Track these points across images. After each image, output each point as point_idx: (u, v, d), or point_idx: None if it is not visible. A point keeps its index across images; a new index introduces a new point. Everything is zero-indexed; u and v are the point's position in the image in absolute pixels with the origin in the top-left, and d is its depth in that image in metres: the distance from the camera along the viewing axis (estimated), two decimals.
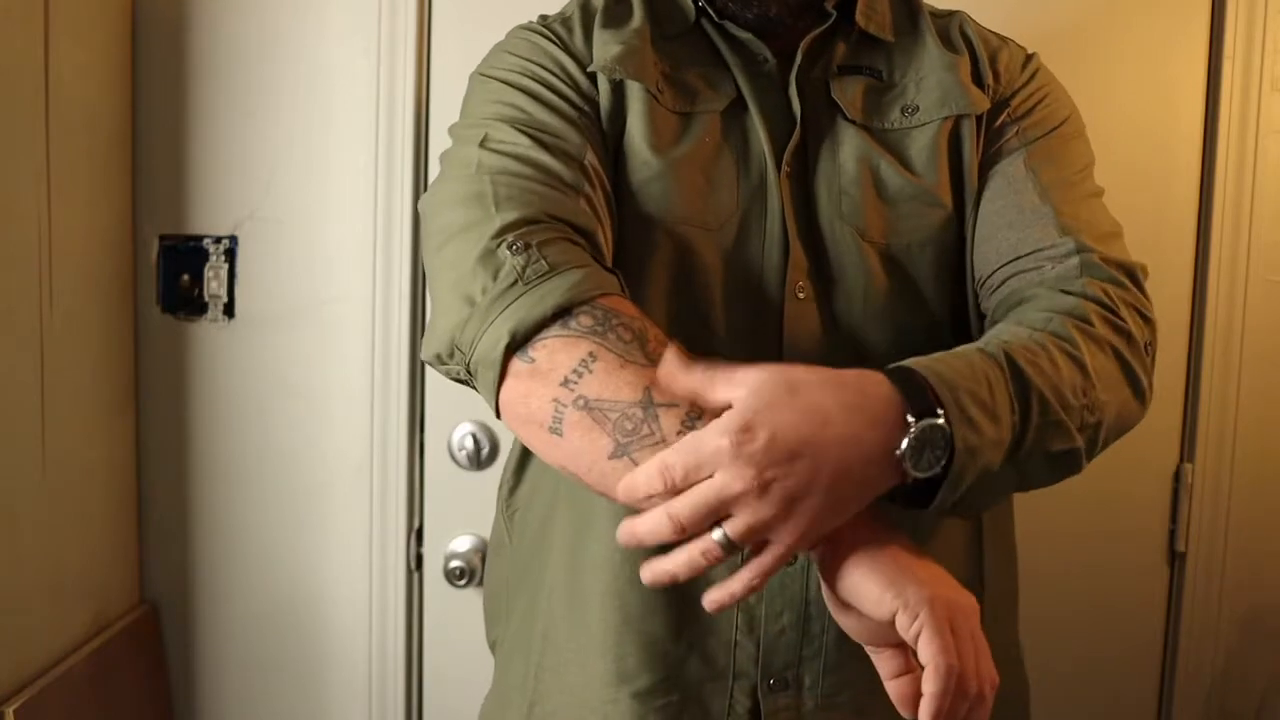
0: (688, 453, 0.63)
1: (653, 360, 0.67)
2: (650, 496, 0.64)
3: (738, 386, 0.64)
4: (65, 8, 1.23)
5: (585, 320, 0.69)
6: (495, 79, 0.87)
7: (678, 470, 0.63)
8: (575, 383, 0.68)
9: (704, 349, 0.77)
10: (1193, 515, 1.42)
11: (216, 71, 1.39)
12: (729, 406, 0.63)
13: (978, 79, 0.90)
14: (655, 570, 0.66)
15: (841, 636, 0.84)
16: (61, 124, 1.23)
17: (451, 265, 0.75)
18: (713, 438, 0.62)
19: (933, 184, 0.86)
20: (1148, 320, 0.82)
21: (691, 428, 0.64)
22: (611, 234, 0.81)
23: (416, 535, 1.44)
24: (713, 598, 0.67)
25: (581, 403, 0.67)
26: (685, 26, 0.90)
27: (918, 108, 0.88)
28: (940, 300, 0.88)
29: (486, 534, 1.41)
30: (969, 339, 0.87)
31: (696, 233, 0.83)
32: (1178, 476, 1.42)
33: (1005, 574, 0.95)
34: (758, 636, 0.85)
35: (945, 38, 0.92)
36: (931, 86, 0.88)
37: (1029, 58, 0.95)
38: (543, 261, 0.72)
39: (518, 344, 0.70)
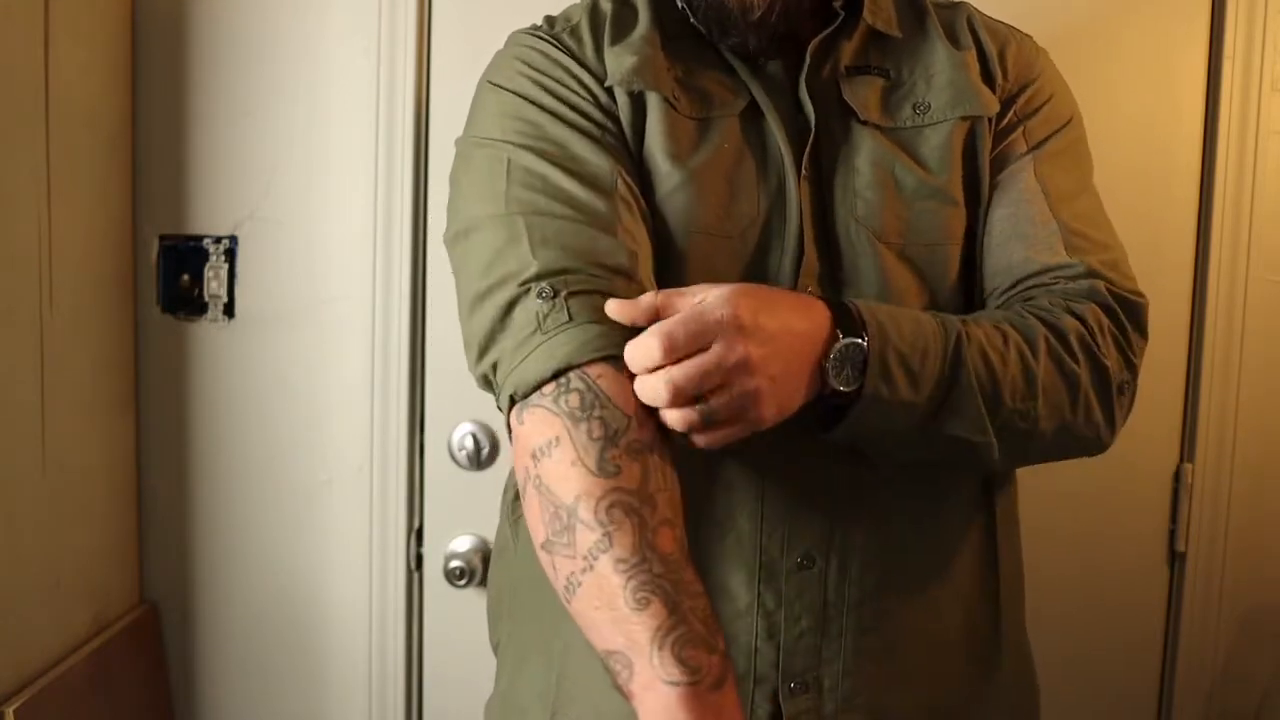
0: (692, 320, 0.69)
1: (604, 471, 0.68)
2: (651, 369, 0.69)
3: (709, 289, 0.72)
4: (65, 8, 1.23)
5: (573, 400, 0.71)
6: (511, 91, 0.85)
7: (680, 338, 0.68)
8: (539, 460, 0.71)
9: None
10: (1193, 515, 1.42)
11: (216, 71, 1.39)
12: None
13: (987, 76, 0.90)
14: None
15: (860, 639, 0.85)
16: (61, 124, 1.23)
17: (474, 300, 0.78)
18: (716, 308, 0.70)
19: (946, 182, 0.86)
20: (1129, 362, 0.85)
21: (595, 558, 0.66)
22: (651, 255, 0.82)
23: (416, 535, 1.44)
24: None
25: (537, 481, 0.71)
26: (689, 30, 0.89)
27: (929, 106, 0.88)
28: (955, 302, 0.88)
29: (486, 534, 1.41)
30: None
31: (716, 241, 0.83)
32: (1178, 477, 1.42)
33: (1015, 561, 0.96)
34: (778, 641, 0.84)
35: (951, 32, 0.92)
36: (942, 85, 0.88)
37: (1037, 52, 0.95)
38: (565, 312, 0.74)
39: (517, 401, 0.75)
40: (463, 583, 1.40)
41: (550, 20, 0.92)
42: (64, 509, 1.26)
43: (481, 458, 1.40)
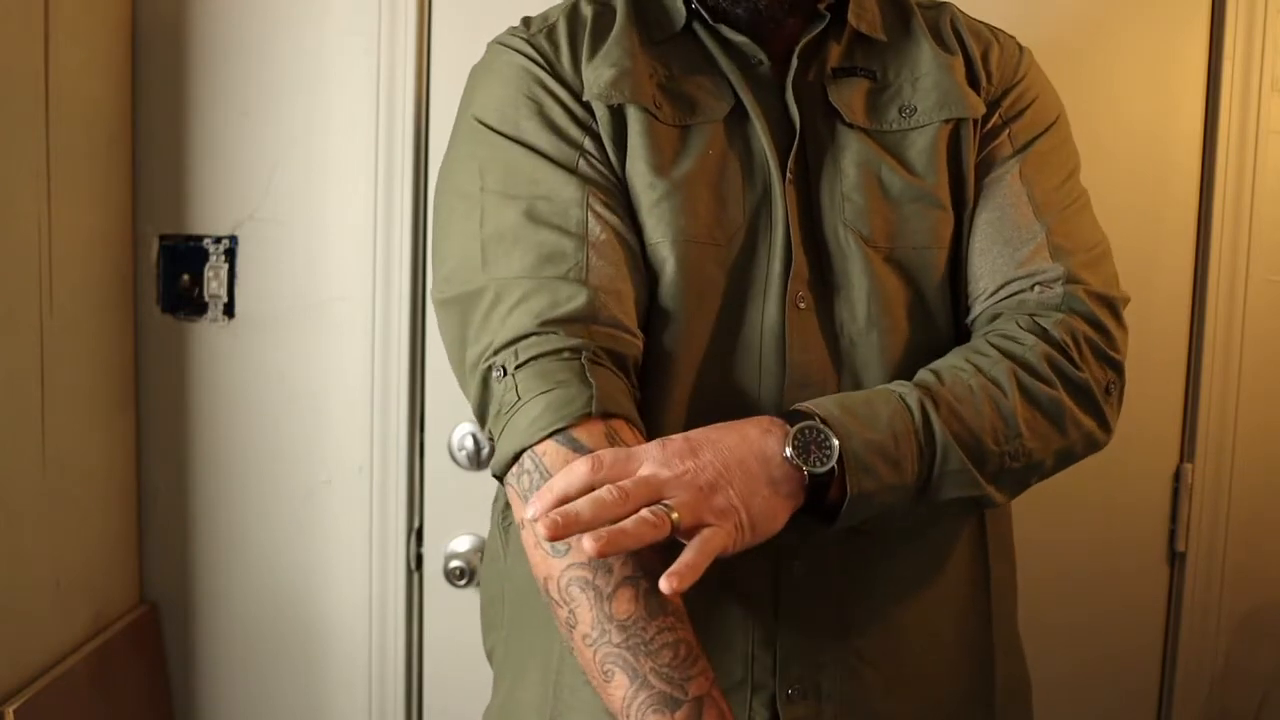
0: (618, 451, 0.71)
1: (556, 551, 0.72)
2: (574, 490, 0.69)
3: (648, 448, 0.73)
4: (65, 8, 1.23)
5: (525, 482, 0.75)
6: (489, 128, 0.85)
7: (607, 458, 0.69)
8: (522, 532, 0.76)
9: (712, 368, 0.79)
10: (1193, 515, 1.42)
11: (216, 71, 1.39)
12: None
13: (972, 79, 0.90)
14: (605, 536, 0.66)
15: (857, 645, 0.85)
16: (61, 124, 1.23)
17: (464, 374, 0.83)
18: (643, 446, 0.72)
19: (933, 185, 0.86)
20: (1111, 362, 0.85)
21: (570, 634, 0.71)
22: (635, 282, 0.82)
23: (416, 535, 1.44)
24: (668, 578, 0.67)
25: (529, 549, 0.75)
26: (674, 31, 0.88)
27: (915, 109, 0.87)
28: (943, 305, 0.88)
29: (486, 534, 1.41)
30: None
31: (705, 249, 0.83)
32: (1178, 477, 1.42)
33: (1006, 566, 0.96)
34: (774, 648, 0.84)
35: (937, 34, 0.92)
36: (929, 88, 0.88)
37: (1020, 53, 0.94)
38: (514, 391, 0.76)
39: (502, 480, 0.79)
40: (462, 583, 1.40)
41: (527, 22, 0.91)
42: (64, 509, 1.26)
43: (481, 458, 1.40)
